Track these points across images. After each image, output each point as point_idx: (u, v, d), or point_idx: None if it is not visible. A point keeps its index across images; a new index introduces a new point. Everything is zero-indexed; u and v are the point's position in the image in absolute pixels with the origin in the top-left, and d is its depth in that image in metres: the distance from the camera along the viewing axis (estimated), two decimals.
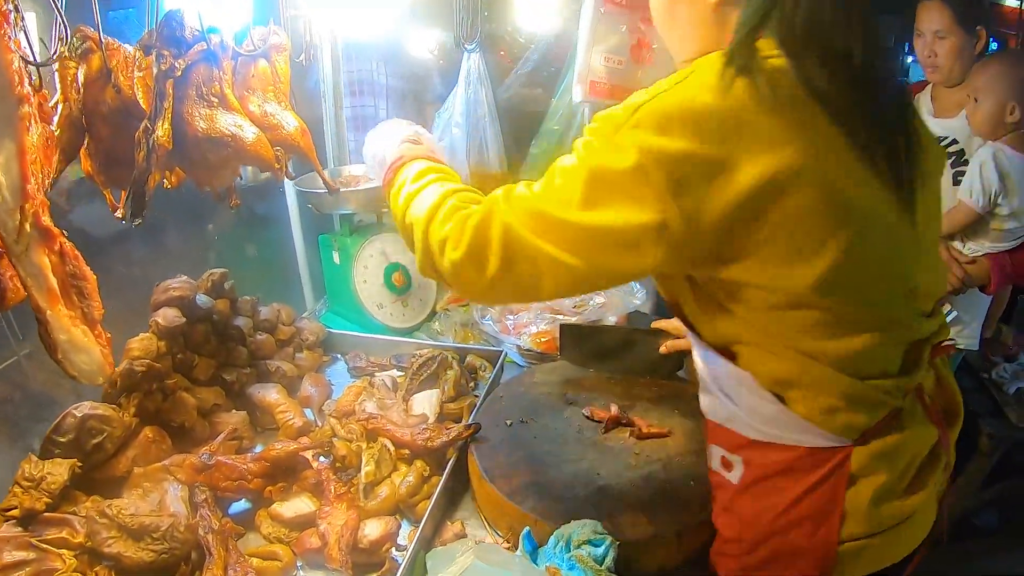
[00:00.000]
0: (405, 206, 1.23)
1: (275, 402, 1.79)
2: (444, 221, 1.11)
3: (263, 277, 2.60)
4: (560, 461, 1.51)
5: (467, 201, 1.14)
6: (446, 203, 1.13)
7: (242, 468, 1.49)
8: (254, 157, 1.55)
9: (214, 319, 1.85)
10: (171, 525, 1.26)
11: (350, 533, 1.36)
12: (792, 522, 1.10)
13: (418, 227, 1.15)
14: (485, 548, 1.24)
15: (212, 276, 1.92)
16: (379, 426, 1.63)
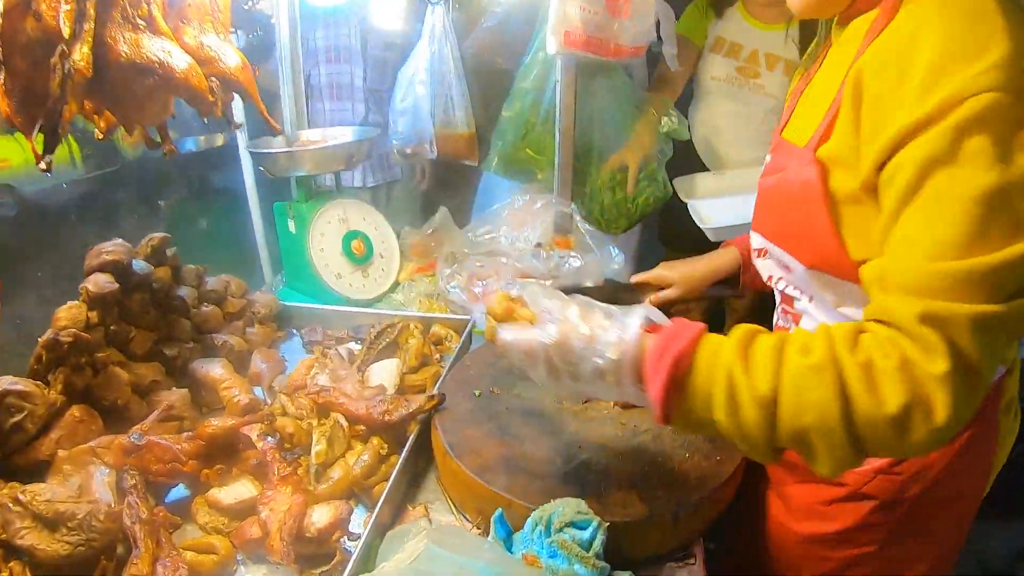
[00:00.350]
0: (763, 419, 0.84)
1: (219, 378, 1.59)
2: (871, 392, 0.79)
3: (218, 252, 2.43)
4: (536, 434, 1.31)
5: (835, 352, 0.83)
6: (835, 373, 0.81)
7: (175, 449, 1.29)
8: (185, 88, 1.36)
9: (153, 287, 1.65)
10: (89, 513, 1.09)
11: (294, 520, 1.17)
12: (957, 470, 1.11)
13: (828, 427, 0.81)
14: (442, 531, 1.02)
15: (152, 241, 1.72)
16: (331, 400, 1.42)
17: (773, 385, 0.82)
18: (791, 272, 1.11)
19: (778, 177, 1.08)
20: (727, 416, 0.85)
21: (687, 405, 0.88)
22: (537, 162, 2.24)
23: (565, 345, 0.93)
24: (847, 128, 0.93)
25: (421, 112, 2.29)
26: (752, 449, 0.87)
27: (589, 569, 0.99)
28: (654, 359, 0.89)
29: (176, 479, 1.31)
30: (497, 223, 2.15)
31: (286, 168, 2.07)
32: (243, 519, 1.23)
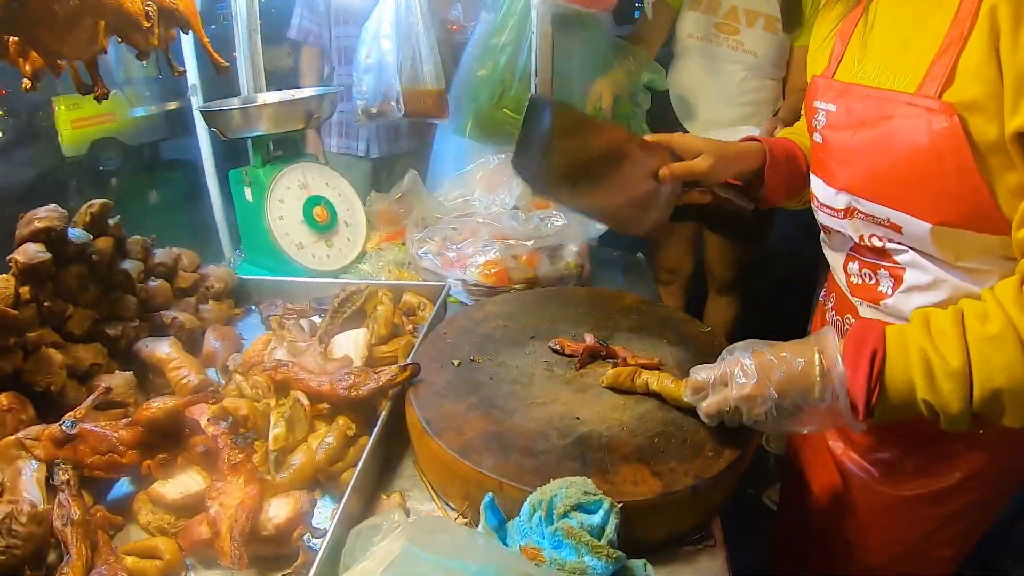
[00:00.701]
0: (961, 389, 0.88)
1: (166, 357, 1.39)
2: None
3: (173, 226, 2.22)
4: (526, 405, 1.12)
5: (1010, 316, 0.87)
6: (1015, 335, 0.86)
7: (112, 437, 1.09)
8: (115, 11, 1.17)
9: (93, 260, 1.45)
10: (8, 515, 0.92)
11: (246, 516, 0.98)
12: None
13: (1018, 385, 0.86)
14: (422, 524, 0.82)
15: (91, 208, 1.51)
16: (289, 375, 1.22)
17: (963, 358, 0.86)
18: (901, 231, 1.02)
19: (879, 130, 0.99)
20: (928, 395, 0.89)
21: (887, 395, 0.91)
22: (516, 122, 2.05)
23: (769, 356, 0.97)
24: (984, 71, 0.87)
25: (387, 68, 2.08)
26: (951, 421, 0.90)
27: (603, 560, 0.80)
28: (851, 357, 0.92)
29: (115, 472, 1.11)
30: (470, 185, 1.95)
31: (241, 128, 1.86)
32: (191, 516, 1.05)
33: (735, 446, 1.05)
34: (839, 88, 1.09)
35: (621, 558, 0.83)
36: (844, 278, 1.18)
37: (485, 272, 1.65)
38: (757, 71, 2.30)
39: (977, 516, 1.23)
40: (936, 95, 0.91)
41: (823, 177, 1.13)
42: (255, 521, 0.99)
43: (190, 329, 1.55)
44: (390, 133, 2.94)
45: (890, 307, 1.10)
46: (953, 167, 0.91)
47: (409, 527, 0.71)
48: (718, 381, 1.00)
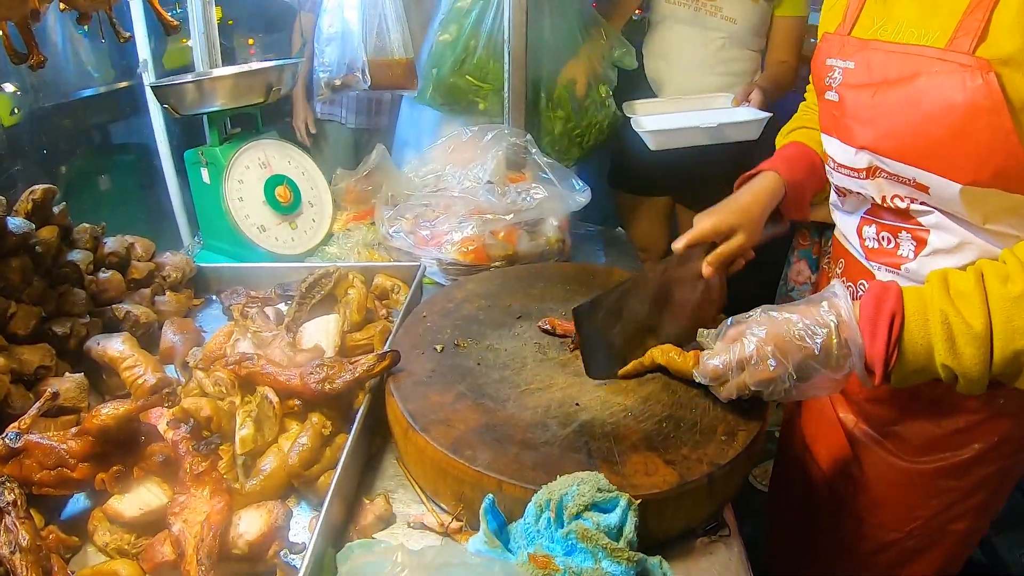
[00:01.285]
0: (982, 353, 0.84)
1: (119, 355, 1.24)
2: None
3: (128, 214, 2.05)
4: (519, 392, 1.01)
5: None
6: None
7: (60, 450, 0.95)
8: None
9: (37, 251, 1.31)
10: None
11: (213, 535, 0.85)
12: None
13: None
14: (430, 561, 0.68)
15: (33, 195, 1.36)
16: (255, 370, 1.09)
17: (985, 320, 0.81)
18: (927, 191, 0.96)
19: (906, 88, 0.92)
20: (948, 359, 0.84)
21: (906, 359, 0.86)
22: (479, 90, 1.92)
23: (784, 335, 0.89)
24: (1021, 24, 0.81)
25: (351, 38, 1.92)
26: (971, 384, 0.85)
27: (624, 565, 0.69)
28: (869, 322, 0.86)
29: (66, 489, 0.98)
30: (441, 160, 1.81)
31: (196, 103, 1.70)
32: (154, 534, 0.92)
33: (748, 428, 0.95)
34: (857, 45, 1.02)
35: (643, 560, 0.73)
36: (858, 242, 1.10)
37: (462, 250, 1.52)
38: (736, 40, 2.20)
39: (995, 488, 1.17)
40: (969, 51, 0.85)
41: (840, 137, 1.05)
42: (224, 539, 0.87)
43: (146, 323, 1.41)
44: (371, 104, 2.79)
45: (912, 271, 1.01)
46: (987, 125, 0.85)
47: (415, 570, 0.57)
48: (735, 366, 0.92)
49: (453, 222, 1.56)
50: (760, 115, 1.93)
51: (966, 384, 0.85)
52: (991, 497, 1.17)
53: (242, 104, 1.74)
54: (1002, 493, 1.19)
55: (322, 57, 1.92)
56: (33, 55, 1.19)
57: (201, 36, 2.03)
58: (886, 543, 1.22)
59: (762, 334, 0.90)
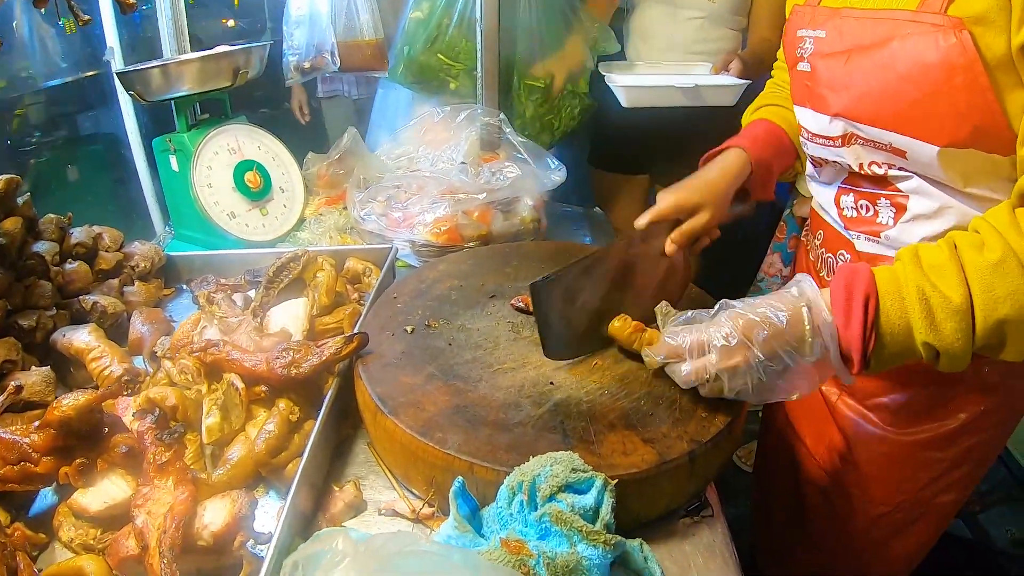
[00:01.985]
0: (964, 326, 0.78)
1: (85, 347, 1.18)
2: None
3: (98, 205, 1.98)
4: (491, 372, 0.96)
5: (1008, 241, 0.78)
6: (1016, 261, 0.76)
7: (23, 444, 0.91)
8: None
9: (1, 243, 1.26)
10: None
11: (176, 527, 0.80)
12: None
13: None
14: (375, 548, 0.61)
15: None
16: (220, 356, 1.03)
17: (964, 292, 0.77)
18: (904, 156, 0.92)
19: (879, 53, 0.89)
20: (930, 336, 0.79)
21: (884, 342, 0.80)
22: (450, 69, 1.86)
23: (750, 316, 0.83)
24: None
25: (319, 20, 1.85)
26: (953, 360, 0.80)
27: (601, 548, 0.65)
28: (842, 307, 0.81)
29: (30, 484, 0.92)
30: (414, 142, 1.76)
31: (162, 88, 1.63)
32: (120, 528, 0.86)
33: (730, 405, 0.90)
34: (827, 13, 0.98)
35: (620, 543, 0.68)
36: (836, 212, 1.06)
37: (435, 231, 1.46)
38: (715, 19, 2.15)
39: (980, 458, 1.14)
40: (941, 10, 0.82)
41: (813, 106, 1.01)
42: (188, 531, 0.81)
43: (114, 314, 1.35)
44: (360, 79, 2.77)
45: (892, 239, 0.98)
46: (963, 84, 0.82)
47: (359, 558, 0.52)
48: (695, 347, 0.86)
49: (425, 203, 1.50)
50: (738, 81, 1.87)
51: (948, 361, 0.80)
52: (976, 468, 1.15)
53: (209, 88, 1.66)
54: (986, 464, 1.17)
55: (291, 40, 1.86)
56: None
57: (169, 22, 1.96)
58: (875, 517, 1.19)
59: (725, 317, 0.85)
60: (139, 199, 2.05)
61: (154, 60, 1.82)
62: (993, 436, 1.12)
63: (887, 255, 0.99)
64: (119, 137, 1.98)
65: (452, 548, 0.64)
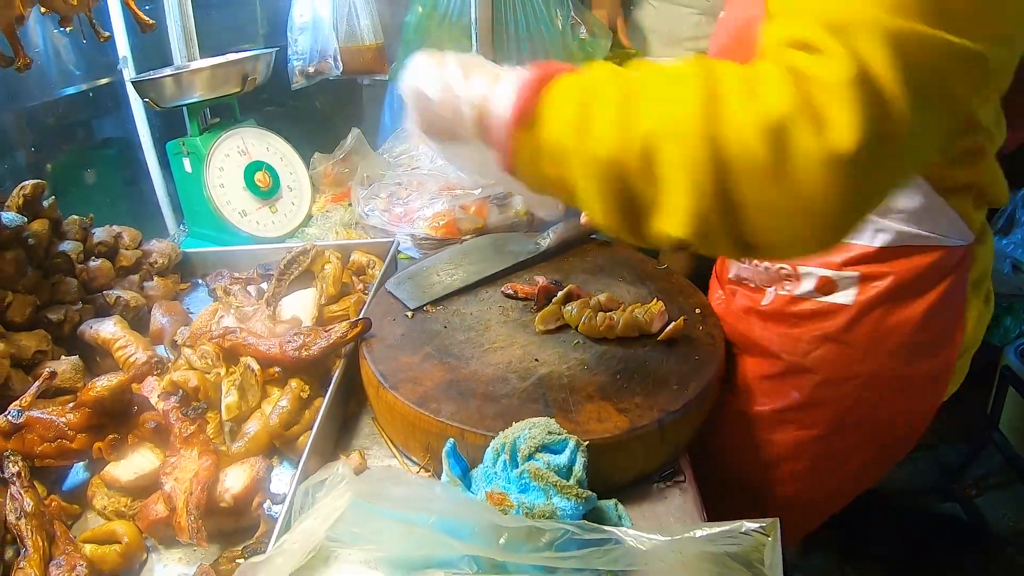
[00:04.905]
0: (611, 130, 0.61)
1: (111, 337, 1.26)
2: (748, 96, 0.56)
3: (114, 207, 2.07)
4: (482, 351, 1.05)
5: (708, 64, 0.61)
6: (703, 76, 0.59)
7: (59, 423, 0.99)
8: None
9: (29, 244, 1.33)
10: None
11: (202, 489, 0.89)
12: (919, 345, 0.96)
13: (683, 133, 0.57)
14: (371, 477, 0.73)
15: (24, 190, 1.37)
16: (237, 341, 1.12)
17: (627, 88, 0.61)
18: None
19: (725, 15, 0.96)
20: (577, 139, 0.62)
21: (538, 132, 0.66)
22: None
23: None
24: None
25: (322, 26, 1.93)
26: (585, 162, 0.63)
27: (573, 500, 0.73)
28: (529, 77, 0.67)
29: (66, 459, 1.01)
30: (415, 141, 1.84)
31: (175, 95, 1.71)
32: (148, 496, 0.95)
33: (700, 379, 0.99)
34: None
35: (591, 498, 0.77)
36: None
37: (434, 225, 1.55)
38: (712, 15, 2.18)
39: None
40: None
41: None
42: (212, 493, 0.90)
43: (135, 307, 1.43)
44: None
45: None
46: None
47: (355, 481, 0.61)
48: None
49: (425, 199, 1.59)
50: None
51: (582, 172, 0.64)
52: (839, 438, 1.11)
53: (219, 95, 1.75)
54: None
55: (295, 46, 1.93)
56: (19, 57, 1.21)
57: (178, 28, 2.04)
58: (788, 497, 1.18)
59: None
60: (152, 200, 2.13)
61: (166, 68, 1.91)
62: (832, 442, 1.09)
63: None
64: (132, 141, 2.04)
65: (434, 482, 0.73)
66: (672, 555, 0.59)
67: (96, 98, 2.19)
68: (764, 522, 0.61)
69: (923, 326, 0.95)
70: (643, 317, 1.07)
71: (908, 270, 0.92)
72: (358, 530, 0.58)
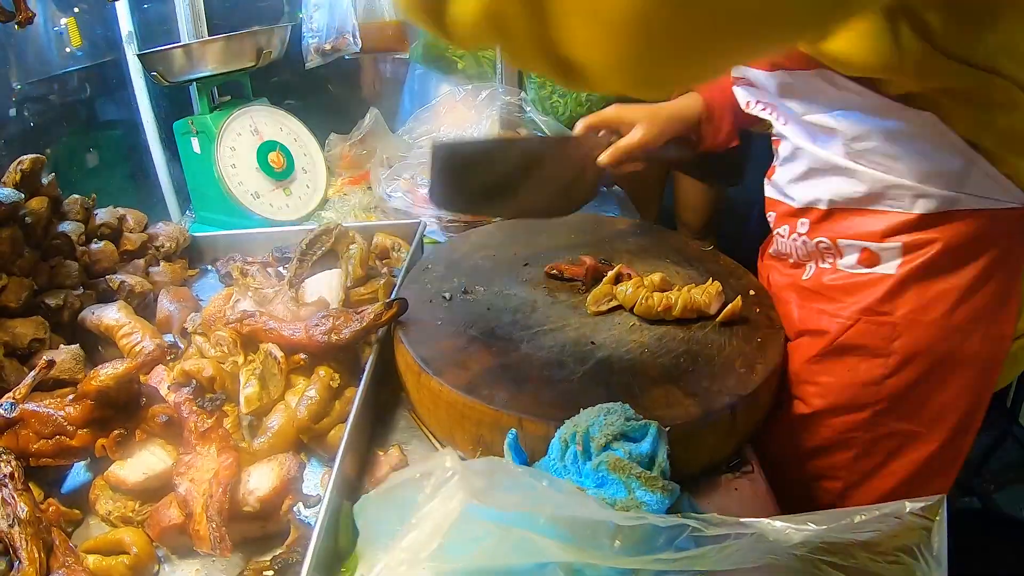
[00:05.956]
0: None
1: (115, 323, 1.17)
2: None
3: (115, 190, 2.00)
4: (532, 333, 0.96)
5: None
6: None
7: (57, 417, 0.89)
8: None
9: (27, 223, 1.23)
10: None
11: (223, 491, 0.80)
12: (966, 318, 0.89)
13: None
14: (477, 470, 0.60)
15: (21, 164, 1.27)
16: (257, 326, 1.03)
17: None
18: (759, 87, 0.96)
19: None
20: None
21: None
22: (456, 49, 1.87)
23: None
24: None
25: (340, 2, 1.85)
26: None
27: (658, 494, 0.65)
28: None
29: (66, 458, 0.91)
30: (436, 121, 1.76)
31: (184, 69, 1.63)
32: (159, 500, 0.86)
33: (766, 361, 0.91)
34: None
35: (676, 490, 0.68)
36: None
37: None
38: None
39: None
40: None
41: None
42: (234, 496, 0.81)
43: (141, 293, 1.34)
44: None
45: (775, 182, 1.04)
46: None
47: (467, 475, 0.50)
48: None
49: None
50: None
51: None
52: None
53: (233, 69, 1.67)
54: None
55: (310, 23, 1.86)
56: (20, 10, 1.12)
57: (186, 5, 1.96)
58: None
59: None
60: (154, 183, 2.06)
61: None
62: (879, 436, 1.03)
63: (772, 198, 1.03)
64: (134, 122, 1.98)
65: (540, 472, 0.64)
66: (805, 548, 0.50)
67: (96, 77, 2.12)
68: (930, 500, 0.53)
69: (968, 298, 0.89)
70: (701, 297, 0.99)
71: (956, 236, 0.86)
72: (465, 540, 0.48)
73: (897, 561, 0.56)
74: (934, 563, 0.53)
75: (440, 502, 0.45)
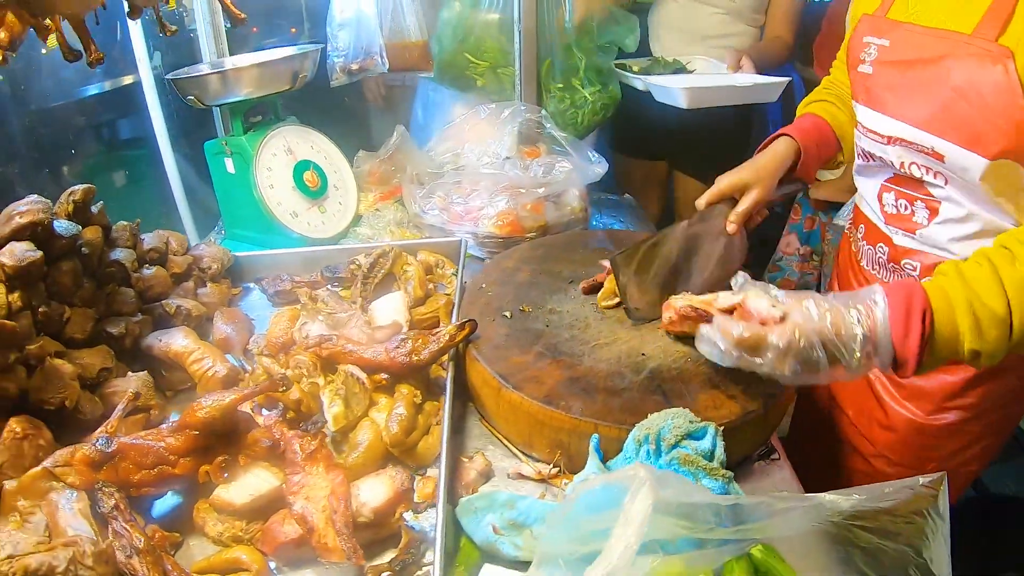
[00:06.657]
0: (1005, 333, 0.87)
1: (184, 350, 1.25)
2: None
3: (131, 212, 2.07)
4: (590, 348, 1.12)
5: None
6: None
7: (158, 448, 0.97)
8: None
9: (83, 253, 1.27)
10: (71, 560, 0.79)
11: (346, 505, 0.91)
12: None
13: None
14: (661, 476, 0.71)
15: (73, 195, 1.29)
16: (337, 350, 1.15)
17: (1004, 302, 0.85)
18: (943, 160, 1.05)
19: (935, 67, 1.03)
20: (976, 343, 0.86)
21: (936, 350, 0.87)
22: (476, 67, 2.01)
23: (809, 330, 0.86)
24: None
25: (367, 23, 1.96)
26: (991, 359, 0.88)
27: (721, 481, 0.83)
28: (901, 323, 0.85)
29: (167, 486, 1.00)
30: (459, 138, 1.90)
31: (220, 93, 1.72)
32: (264, 519, 0.96)
33: None
34: (891, 25, 1.13)
35: (731, 477, 0.86)
36: (878, 207, 1.22)
37: (498, 223, 1.62)
38: (736, 15, 2.27)
39: (999, 430, 1.31)
40: (993, 39, 0.95)
41: (870, 104, 1.16)
42: (352, 509, 0.92)
43: (197, 316, 1.42)
44: None
45: (925, 237, 1.14)
46: (1003, 106, 0.95)
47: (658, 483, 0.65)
48: (781, 348, 0.87)
49: (485, 197, 1.66)
50: (780, 80, 1.99)
51: (987, 360, 0.89)
52: (996, 439, 1.30)
53: (269, 92, 1.77)
54: (1005, 435, 1.34)
55: (335, 42, 1.96)
56: (90, 51, 1.16)
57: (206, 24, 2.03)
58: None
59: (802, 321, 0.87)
60: (172, 203, 2.10)
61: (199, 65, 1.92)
62: (1012, 411, 1.28)
63: (920, 250, 1.15)
64: (150, 143, 2.05)
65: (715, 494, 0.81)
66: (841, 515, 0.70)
67: (115, 98, 2.18)
68: (935, 476, 0.75)
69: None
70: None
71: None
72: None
73: (910, 521, 0.75)
74: (939, 520, 0.73)
75: (637, 503, 0.60)
